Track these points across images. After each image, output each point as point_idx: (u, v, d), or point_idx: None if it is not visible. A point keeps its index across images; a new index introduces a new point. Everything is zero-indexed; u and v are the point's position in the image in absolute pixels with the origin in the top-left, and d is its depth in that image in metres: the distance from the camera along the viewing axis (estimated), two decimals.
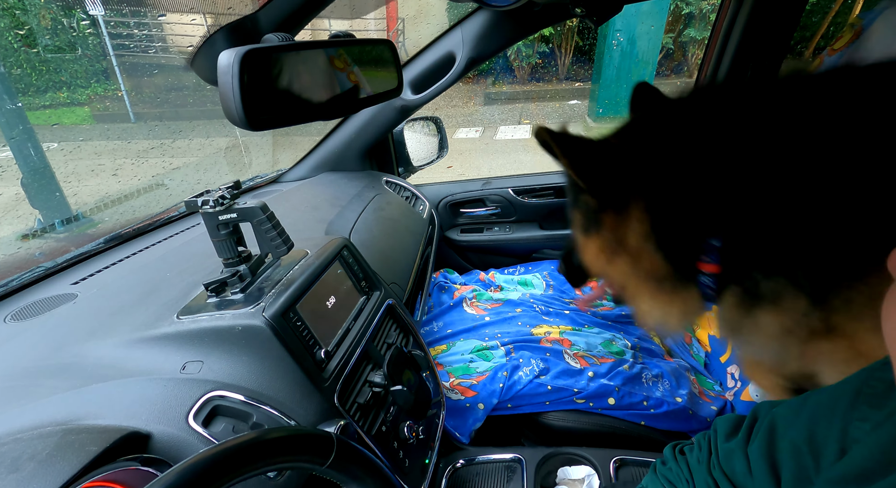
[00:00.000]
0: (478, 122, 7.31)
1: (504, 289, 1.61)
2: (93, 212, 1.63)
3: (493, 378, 1.14)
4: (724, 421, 0.55)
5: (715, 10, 1.55)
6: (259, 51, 0.57)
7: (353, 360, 0.76)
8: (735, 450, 0.50)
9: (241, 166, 3.42)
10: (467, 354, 1.23)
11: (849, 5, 6.06)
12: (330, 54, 0.71)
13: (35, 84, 4.47)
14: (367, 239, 1.13)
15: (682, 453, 0.60)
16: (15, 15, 4.07)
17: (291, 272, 0.76)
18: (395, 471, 0.74)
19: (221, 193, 0.68)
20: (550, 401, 1.13)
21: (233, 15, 0.73)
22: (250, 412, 0.60)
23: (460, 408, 1.11)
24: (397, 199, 1.48)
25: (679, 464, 0.59)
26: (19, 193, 1.49)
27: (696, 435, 0.60)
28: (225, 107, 0.56)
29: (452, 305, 1.42)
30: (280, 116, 0.62)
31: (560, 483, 1.00)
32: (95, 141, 4.15)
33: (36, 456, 0.45)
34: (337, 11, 2.89)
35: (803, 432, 0.42)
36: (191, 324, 0.66)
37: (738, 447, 0.50)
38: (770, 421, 0.47)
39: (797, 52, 6.47)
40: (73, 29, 4.64)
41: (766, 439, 0.47)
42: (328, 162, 1.58)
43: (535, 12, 1.24)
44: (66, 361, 0.63)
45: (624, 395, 1.13)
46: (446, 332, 1.32)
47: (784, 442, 0.44)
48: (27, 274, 0.90)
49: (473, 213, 1.89)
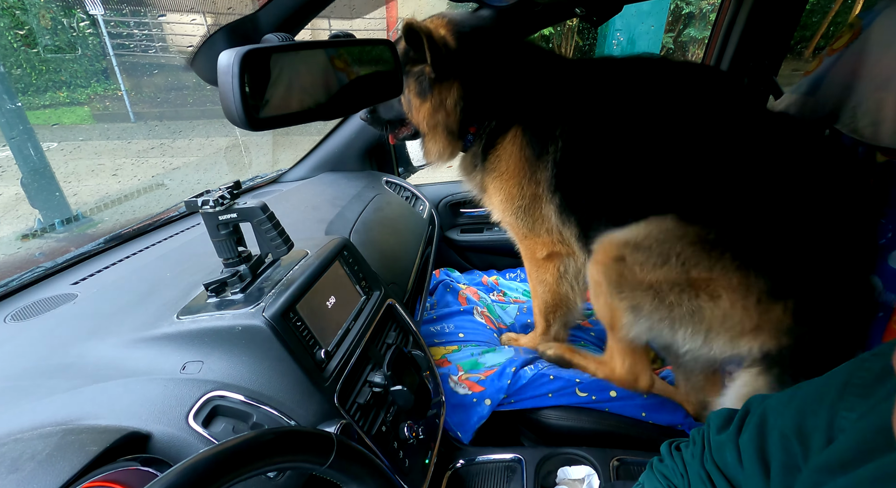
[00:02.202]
0: None
1: (507, 295, 1.62)
2: (93, 212, 1.63)
3: (501, 373, 1.14)
4: (717, 415, 0.56)
5: (715, 9, 1.55)
6: (259, 51, 0.57)
7: (353, 360, 0.76)
8: (726, 443, 0.51)
9: (241, 166, 3.41)
10: (476, 352, 1.25)
11: (849, 5, 6.06)
12: (330, 54, 0.71)
13: (35, 84, 4.47)
14: (367, 239, 1.13)
15: (678, 449, 0.61)
16: (15, 15, 4.07)
17: (291, 272, 0.76)
18: (395, 471, 0.74)
19: (221, 193, 0.68)
20: (553, 392, 1.13)
21: (233, 15, 0.73)
22: (250, 412, 0.60)
23: (465, 405, 1.11)
24: (397, 199, 1.48)
25: (675, 460, 0.59)
26: (19, 193, 1.49)
27: (691, 430, 0.61)
28: (225, 107, 0.56)
29: (462, 311, 1.43)
30: (280, 116, 0.62)
31: (560, 483, 1.00)
32: (95, 141, 4.14)
33: (36, 456, 0.45)
34: (337, 11, 2.89)
35: (792, 422, 0.43)
36: (191, 324, 0.66)
37: (730, 439, 0.51)
38: (761, 413, 0.48)
39: (797, 52, 6.47)
40: (72, 29, 4.64)
41: (756, 430, 0.47)
42: (328, 162, 1.58)
43: (535, 12, 1.24)
44: (66, 361, 0.63)
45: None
46: (458, 337, 1.33)
47: (774, 433, 0.45)
48: (27, 274, 0.90)
49: (473, 213, 1.89)
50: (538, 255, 1.25)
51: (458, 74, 1.12)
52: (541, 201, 1.16)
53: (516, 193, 1.17)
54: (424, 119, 1.17)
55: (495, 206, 1.24)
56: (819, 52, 1.31)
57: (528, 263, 1.30)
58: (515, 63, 1.14)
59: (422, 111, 1.16)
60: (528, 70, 1.14)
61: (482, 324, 1.38)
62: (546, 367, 1.17)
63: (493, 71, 1.13)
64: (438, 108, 1.15)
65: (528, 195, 1.16)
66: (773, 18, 1.42)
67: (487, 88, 1.14)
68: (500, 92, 1.14)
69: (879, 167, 0.95)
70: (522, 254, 1.31)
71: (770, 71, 1.49)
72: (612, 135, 1.04)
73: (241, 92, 0.55)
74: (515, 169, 1.15)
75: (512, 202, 1.18)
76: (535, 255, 1.25)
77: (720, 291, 0.88)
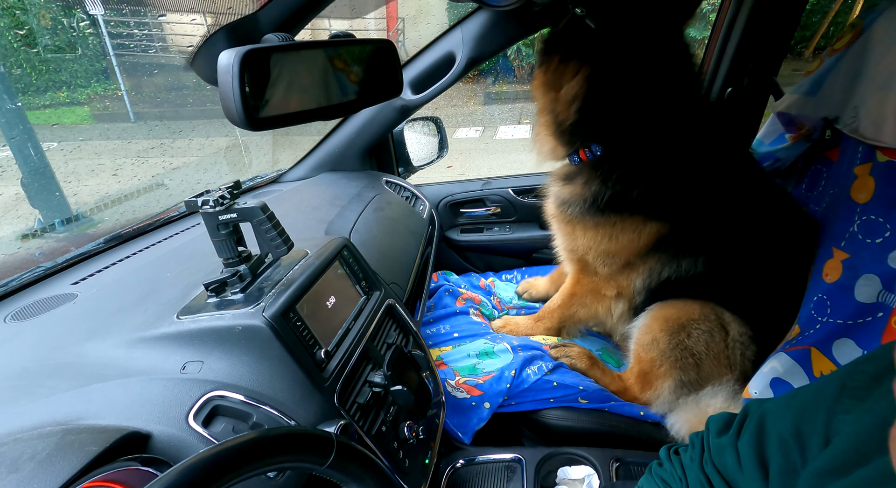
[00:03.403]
0: (478, 121, 7.30)
1: (503, 301, 1.61)
2: (93, 212, 1.63)
3: (499, 378, 1.14)
4: (717, 418, 0.56)
5: (715, 9, 1.54)
6: (259, 51, 0.57)
7: (353, 360, 0.76)
8: (726, 446, 0.51)
9: (241, 166, 3.42)
10: (473, 354, 1.24)
11: (849, 5, 6.06)
12: (330, 54, 0.71)
13: (35, 84, 4.46)
14: (367, 239, 1.13)
15: (677, 453, 0.61)
16: (15, 15, 4.07)
17: (291, 272, 0.76)
18: (395, 471, 0.74)
19: (221, 193, 0.68)
20: (555, 398, 1.13)
21: (233, 15, 0.73)
22: (250, 412, 0.60)
23: (465, 407, 1.11)
24: (397, 199, 1.48)
25: (673, 464, 0.59)
26: (19, 193, 1.49)
27: (690, 434, 0.61)
28: (225, 107, 0.56)
29: (458, 312, 1.42)
30: (280, 116, 0.62)
31: (560, 483, 1.00)
32: (95, 141, 4.14)
33: (36, 456, 0.45)
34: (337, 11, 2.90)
35: (790, 426, 0.43)
36: (191, 324, 0.66)
37: (729, 442, 0.51)
38: (759, 416, 0.48)
39: (797, 52, 6.47)
40: (73, 29, 4.64)
41: (755, 433, 0.47)
42: (328, 162, 1.58)
43: (535, 12, 1.24)
44: (66, 361, 0.63)
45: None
46: (453, 335, 1.33)
47: (772, 436, 0.45)
48: (27, 274, 0.90)
49: (473, 213, 1.89)
50: (604, 292, 1.24)
51: (588, 58, 0.95)
52: (633, 265, 1.16)
53: (614, 253, 1.14)
54: (549, 100, 1.05)
55: (578, 244, 1.17)
56: (819, 52, 1.31)
57: (582, 291, 1.28)
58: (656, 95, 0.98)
59: (536, 83, 1.06)
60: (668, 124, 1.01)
61: (478, 323, 1.38)
62: (549, 373, 1.16)
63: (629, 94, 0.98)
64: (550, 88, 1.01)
65: (625, 258, 1.14)
66: (773, 18, 1.42)
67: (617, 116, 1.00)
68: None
69: (881, 167, 0.95)
70: (577, 281, 1.28)
71: (770, 71, 1.49)
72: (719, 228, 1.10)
73: (241, 92, 0.55)
74: (628, 243, 1.11)
75: (607, 255, 1.15)
76: (600, 291, 1.24)
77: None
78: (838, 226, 1.01)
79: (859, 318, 0.91)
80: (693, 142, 1.04)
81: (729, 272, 1.12)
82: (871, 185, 0.96)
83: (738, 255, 1.11)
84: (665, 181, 1.04)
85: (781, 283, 1.11)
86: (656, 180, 1.03)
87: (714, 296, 1.12)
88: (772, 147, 1.28)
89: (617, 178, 1.04)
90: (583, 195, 1.10)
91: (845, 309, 0.93)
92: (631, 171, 1.04)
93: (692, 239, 1.11)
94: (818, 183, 1.17)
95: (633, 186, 1.03)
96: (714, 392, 1.06)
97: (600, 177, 1.05)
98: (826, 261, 1.02)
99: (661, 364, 1.12)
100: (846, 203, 1.01)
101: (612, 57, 0.93)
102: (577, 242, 1.17)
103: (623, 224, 1.08)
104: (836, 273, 0.98)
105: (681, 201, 1.06)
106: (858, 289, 0.92)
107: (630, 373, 1.20)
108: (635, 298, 1.23)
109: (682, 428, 1.04)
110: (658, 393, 1.14)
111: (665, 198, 1.05)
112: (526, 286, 1.60)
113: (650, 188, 1.04)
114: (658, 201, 1.05)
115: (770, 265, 1.12)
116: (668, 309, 1.14)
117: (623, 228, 1.08)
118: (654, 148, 1.02)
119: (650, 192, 1.04)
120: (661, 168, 1.03)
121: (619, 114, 1.00)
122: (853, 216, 0.98)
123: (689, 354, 1.10)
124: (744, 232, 1.10)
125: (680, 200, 1.06)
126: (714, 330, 1.09)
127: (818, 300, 1.00)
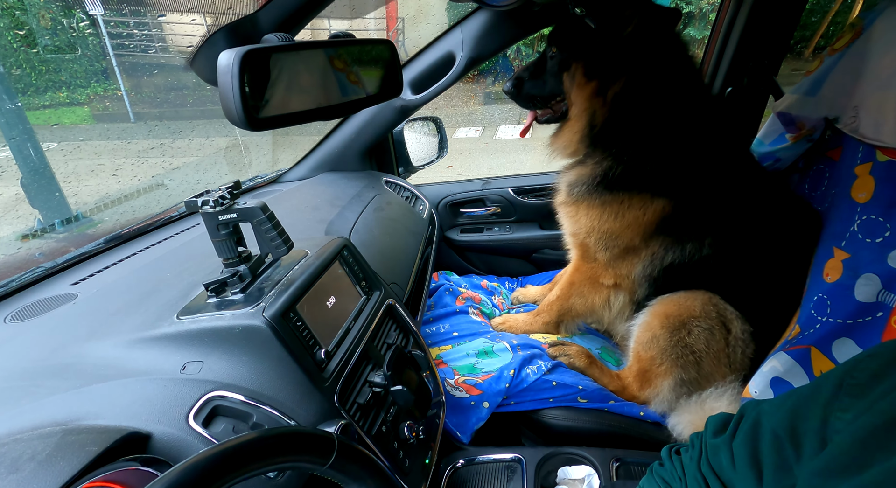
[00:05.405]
0: (478, 121, 7.31)
1: (505, 300, 1.62)
2: (93, 212, 1.63)
3: (499, 377, 1.14)
4: (715, 419, 0.56)
5: (715, 9, 1.54)
6: (259, 51, 0.57)
7: (353, 360, 0.76)
8: (721, 446, 0.51)
9: (241, 166, 3.42)
10: (472, 353, 1.24)
11: (849, 5, 6.06)
12: (330, 54, 0.71)
13: (35, 84, 4.47)
14: (367, 239, 1.13)
15: (678, 453, 0.61)
16: (15, 15, 4.07)
17: (291, 272, 0.76)
18: (396, 471, 0.74)
19: (221, 193, 0.68)
20: (554, 398, 1.13)
21: (233, 15, 0.73)
22: (250, 412, 0.60)
23: (464, 406, 1.11)
24: (397, 199, 1.48)
25: (674, 464, 0.60)
26: (19, 193, 1.49)
27: (691, 434, 0.62)
28: (225, 107, 0.56)
29: (458, 311, 1.43)
30: (280, 116, 0.62)
31: (560, 483, 1.00)
32: (95, 141, 4.14)
33: (36, 457, 0.45)
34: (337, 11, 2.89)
35: (785, 422, 0.43)
36: (191, 325, 0.66)
37: (724, 443, 0.51)
38: (755, 416, 0.48)
39: (797, 51, 6.48)
40: (72, 29, 4.64)
41: (749, 433, 0.47)
42: (328, 162, 1.58)
43: (534, 12, 1.24)
44: (65, 361, 0.63)
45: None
46: (452, 335, 1.33)
47: (766, 434, 0.45)
48: (27, 274, 0.90)
49: (473, 213, 1.89)
50: (602, 281, 1.26)
51: (628, 68, 1.06)
52: (636, 249, 1.18)
53: (617, 233, 1.16)
54: (583, 100, 1.12)
55: (581, 225, 1.21)
56: (819, 52, 1.32)
57: (580, 278, 1.30)
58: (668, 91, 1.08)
59: (585, 90, 1.11)
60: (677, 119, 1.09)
61: (478, 322, 1.38)
62: (549, 372, 1.17)
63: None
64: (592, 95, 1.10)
65: (628, 239, 1.16)
66: (773, 18, 1.42)
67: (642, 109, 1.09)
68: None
69: (881, 167, 0.95)
70: (577, 268, 1.30)
71: (770, 71, 1.49)
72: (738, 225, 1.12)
73: (241, 92, 0.55)
74: (633, 221, 1.13)
75: (609, 237, 1.17)
76: (598, 279, 1.26)
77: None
78: (839, 226, 1.02)
79: (859, 318, 0.91)
80: (702, 127, 1.11)
81: (733, 256, 1.12)
82: (872, 185, 0.96)
83: (743, 239, 1.12)
84: (675, 160, 1.10)
85: (784, 272, 1.11)
86: (667, 158, 1.10)
87: (717, 284, 1.12)
88: (772, 147, 1.28)
89: (629, 156, 1.11)
90: (592, 173, 1.16)
91: (845, 308, 0.93)
92: (643, 150, 1.11)
93: (698, 220, 1.12)
94: (821, 183, 1.17)
95: (644, 162, 1.11)
96: (719, 393, 1.06)
97: (613, 155, 1.13)
98: (826, 260, 1.02)
99: (661, 362, 1.12)
100: (847, 203, 1.01)
101: (643, 64, 1.06)
102: (581, 223, 1.21)
103: (630, 201, 1.13)
104: (837, 272, 0.98)
105: (688, 180, 1.11)
106: (858, 288, 0.92)
107: (629, 372, 1.20)
108: (636, 290, 1.23)
109: (686, 430, 1.04)
110: (657, 392, 1.14)
111: (673, 176, 1.10)
112: (517, 294, 1.63)
113: (660, 165, 1.10)
114: (666, 178, 1.11)
115: (773, 251, 1.12)
116: (669, 305, 1.14)
117: (630, 205, 1.13)
118: (668, 132, 1.10)
119: (659, 169, 1.10)
120: (672, 149, 1.10)
121: (645, 110, 1.10)
122: (853, 216, 0.98)
123: (690, 352, 1.10)
124: (749, 216, 1.12)
125: (688, 179, 1.11)
126: (715, 327, 1.09)
127: (818, 299, 1.00)
